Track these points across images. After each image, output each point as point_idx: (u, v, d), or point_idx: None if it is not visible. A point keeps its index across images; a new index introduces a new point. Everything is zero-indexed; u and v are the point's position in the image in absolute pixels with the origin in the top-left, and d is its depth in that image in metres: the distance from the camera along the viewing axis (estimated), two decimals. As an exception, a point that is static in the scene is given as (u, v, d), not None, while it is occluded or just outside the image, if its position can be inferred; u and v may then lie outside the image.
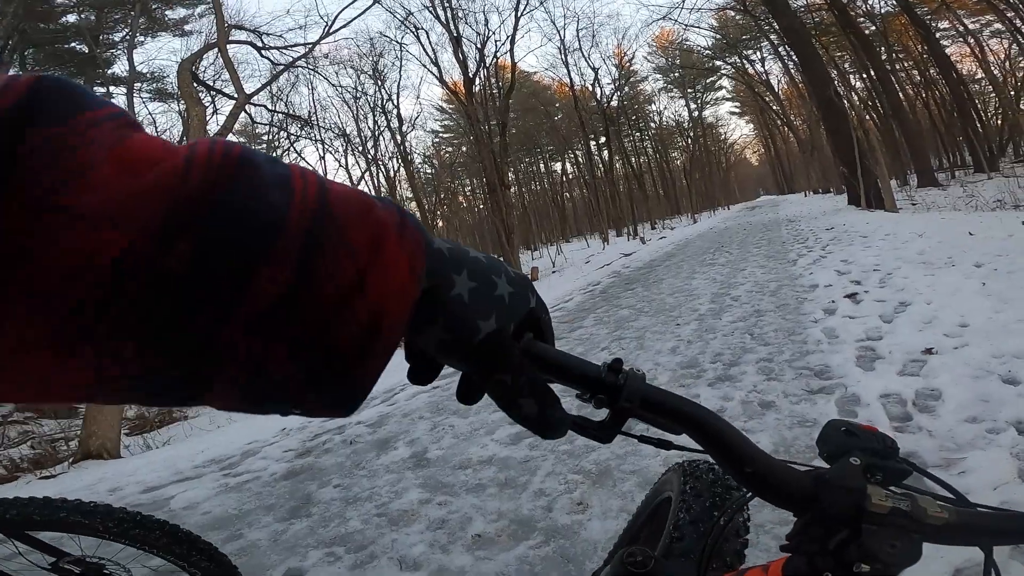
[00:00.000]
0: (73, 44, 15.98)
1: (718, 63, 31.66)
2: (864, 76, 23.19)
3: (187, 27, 17.74)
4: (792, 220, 14.75)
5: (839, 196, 20.85)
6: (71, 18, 15.39)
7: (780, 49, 24.94)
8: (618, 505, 2.10)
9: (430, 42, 18.77)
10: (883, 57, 21.06)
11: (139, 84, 16.78)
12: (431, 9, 17.43)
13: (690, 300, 5.86)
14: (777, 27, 18.11)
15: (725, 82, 38.04)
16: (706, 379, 3.30)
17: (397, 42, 18.73)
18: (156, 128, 20.03)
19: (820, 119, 18.43)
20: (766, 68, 32.58)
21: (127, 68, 14.86)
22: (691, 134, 38.50)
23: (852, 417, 2.41)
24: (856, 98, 22.65)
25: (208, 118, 10.30)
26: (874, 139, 15.40)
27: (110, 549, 1.45)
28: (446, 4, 17.25)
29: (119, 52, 16.55)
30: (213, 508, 2.77)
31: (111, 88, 17.43)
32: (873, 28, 21.15)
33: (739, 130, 73.26)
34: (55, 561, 1.39)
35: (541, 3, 20.78)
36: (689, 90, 36.14)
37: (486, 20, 19.01)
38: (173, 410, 8.98)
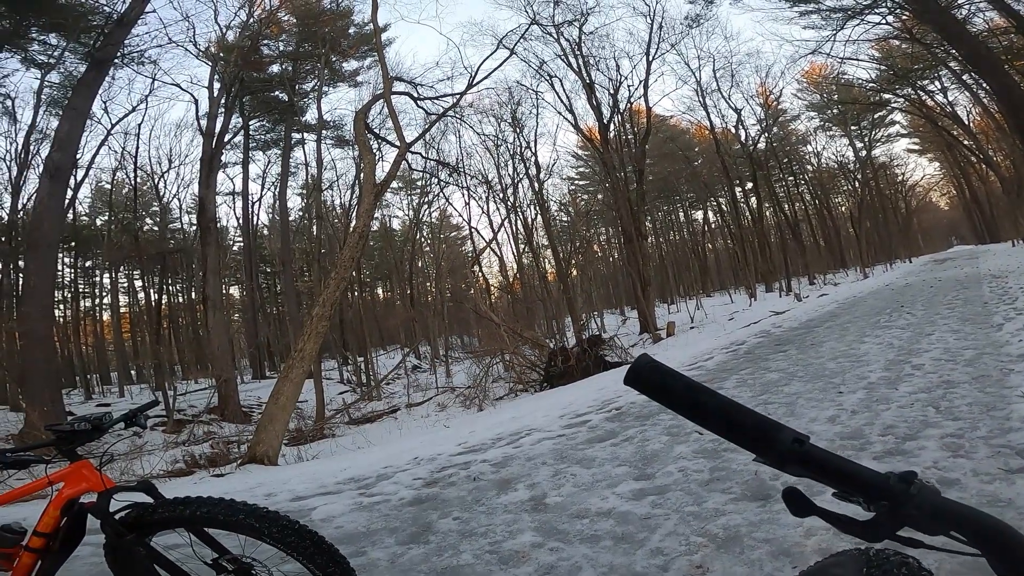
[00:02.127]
0: (276, 93, 19.50)
1: (887, 96, 27.78)
2: (1078, 100, 18.80)
3: (359, 78, 21.01)
4: (996, 276, 12.27)
5: (1063, 246, 16.92)
6: (275, 68, 18.87)
7: (965, 77, 21.29)
8: (743, 573, 1.87)
9: (564, 90, 18.94)
10: (1097, 78, 16.93)
11: (324, 132, 19.82)
12: (563, 57, 18.06)
13: (857, 366, 5.12)
14: (957, 54, 15.68)
15: (898, 116, 33.32)
16: (871, 452, 2.83)
17: (533, 91, 19.22)
18: (336, 172, 23.47)
19: (1026, 154, 15.26)
20: (949, 99, 27.59)
21: (316, 116, 17.90)
22: (858, 177, 33.84)
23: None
24: (1071, 126, 18.37)
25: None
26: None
27: (260, 549, 1.62)
28: (577, 52, 17.85)
29: (310, 101, 19.98)
30: (346, 523, 3.00)
31: (304, 135, 20.97)
32: (1078, 47, 17.17)
33: (921, 170, 62.40)
34: (216, 557, 1.59)
35: (672, 47, 20.17)
36: (853, 128, 31.77)
37: (617, 66, 18.82)
38: (324, 426, 10.04)
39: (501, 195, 20.60)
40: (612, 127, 18.49)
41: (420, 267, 32.08)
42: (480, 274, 24.76)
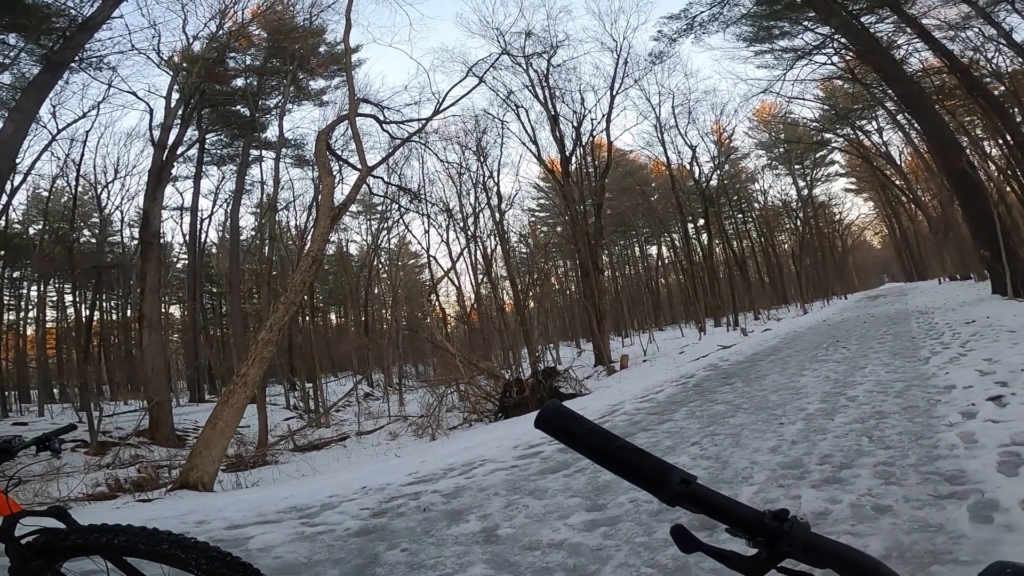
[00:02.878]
0: (238, 107, 18.85)
1: (828, 136, 29.39)
2: (1000, 142, 20.80)
3: (325, 97, 20.63)
4: (924, 312, 13.20)
5: (981, 284, 18.43)
6: (239, 82, 18.34)
7: (899, 117, 22.88)
8: (696, 608, 1.86)
9: (529, 120, 19.22)
10: (1019, 119, 18.90)
11: (284, 150, 19.25)
12: (530, 88, 18.53)
13: (797, 398, 5.35)
14: (893, 95, 17.07)
15: (838, 156, 35.36)
16: (810, 480, 2.93)
17: (499, 119, 19.43)
18: (293, 193, 22.85)
19: (953, 194, 16.62)
20: (884, 139, 29.62)
21: (277, 134, 17.45)
22: (800, 215, 35.71)
23: (987, 523, 2.13)
24: (993, 168, 20.17)
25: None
26: (1017, 215, 13.63)
27: None
28: (544, 83, 18.35)
29: (272, 118, 19.43)
30: (286, 554, 2.84)
31: (263, 152, 20.39)
32: (1003, 88, 19.16)
33: (856, 209, 66.46)
34: None
35: (636, 82, 21.01)
36: (796, 166, 33.61)
37: (582, 99, 19.32)
38: (267, 453, 9.54)
39: (461, 224, 20.62)
40: (574, 160, 18.93)
41: (376, 294, 31.51)
42: (437, 303, 24.57)
